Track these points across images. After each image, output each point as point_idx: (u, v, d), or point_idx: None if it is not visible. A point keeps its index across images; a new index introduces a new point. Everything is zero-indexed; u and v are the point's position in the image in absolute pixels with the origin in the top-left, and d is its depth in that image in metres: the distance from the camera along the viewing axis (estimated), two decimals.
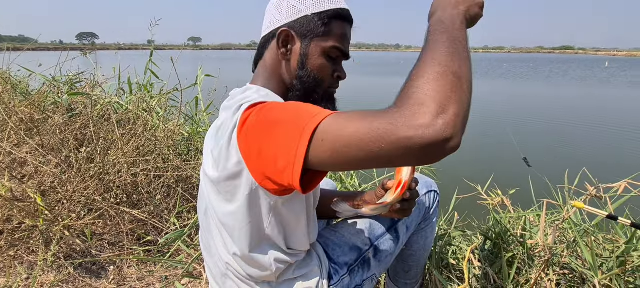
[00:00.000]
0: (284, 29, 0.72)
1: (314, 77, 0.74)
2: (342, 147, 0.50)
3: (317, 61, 0.73)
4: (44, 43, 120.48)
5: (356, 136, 0.48)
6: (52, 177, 1.58)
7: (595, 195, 1.02)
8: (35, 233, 1.40)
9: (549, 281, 1.11)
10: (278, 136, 0.55)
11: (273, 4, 0.75)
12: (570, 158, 4.80)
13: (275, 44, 0.73)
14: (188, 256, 1.52)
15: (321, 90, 0.76)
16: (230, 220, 0.69)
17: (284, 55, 0.73)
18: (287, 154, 0.54)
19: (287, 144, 0.54)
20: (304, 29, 0.72)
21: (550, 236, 1.12)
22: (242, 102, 0.65)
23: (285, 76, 0.75)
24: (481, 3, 0.60)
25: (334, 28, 0.73)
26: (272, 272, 0.72)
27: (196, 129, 2.22)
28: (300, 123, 0.53)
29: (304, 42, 0.72)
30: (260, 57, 0.78)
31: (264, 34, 0.76)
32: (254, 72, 0.80)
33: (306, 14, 0.71)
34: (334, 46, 0.73)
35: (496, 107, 9.38)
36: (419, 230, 1.02)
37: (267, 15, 0.77)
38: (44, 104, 2.14)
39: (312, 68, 0.73)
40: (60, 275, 1.34)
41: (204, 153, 0.76)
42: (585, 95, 12.51)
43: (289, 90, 0.76)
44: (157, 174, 1.75)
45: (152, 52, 2.49)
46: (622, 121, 7.41)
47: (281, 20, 0.73)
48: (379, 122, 0.47)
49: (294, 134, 0.53)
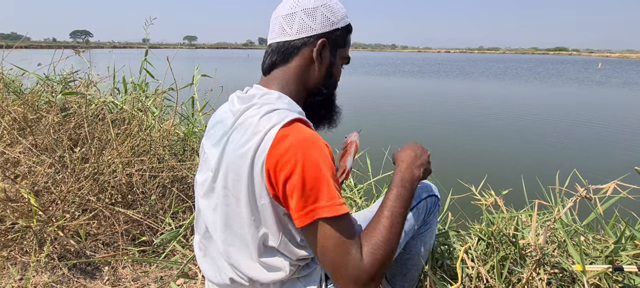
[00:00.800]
0: (324, 40, 0.77)
1: (334, 83, 0.84)
2: (322, 241, 0.64)
3: (338, 69, 0.84)
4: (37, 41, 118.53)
5: (332, 250, 0.64)
6: (45, 177, 1.57)
7: (585, 196, 1.04)
8: (28, 233, 1.39)
9: (540, 280, 1.13)
10: (299, 201, 0.64)
11: (303, 10, 0.76)
12: (563, 159, 4.86)
13: (308, 51, 0.77)
14: (183, 256, 1.52)
15: (334, 95, 0.87)
16: (236, 224, 0.70)
17: (319, 63, 0.79)
18: (300, 210, 0.64)
19: (304, 204, 0.64)
20: (336, 40, 0.80)
21: (542, 236, 1.13)
22: (270, 111, 0.68)
23: (310, 82, 0.80)
24: (429, 170, 0.83)
25: (349, 39, 0.84)
26: (283, 275, 0.73)
27: (192, 129, 2.22)
28: (317, 204, 0.64)
29: (333, 52, 0.80)
30: (283, 60, 0.78)
31: (295, 38, 0.76)
32: (267, 75, 0.80)
33: (337, 27, 0.79)
34: (348, 56, 0.85)
35: (490, 109, 9.46)
36: (418, 234, 1.02)
37: (293, 18, 0.76)
38: (38, 103, 2.12)
39: (336, 75, 0.84)
40: (54, 276, 1.33)
41: (207, 148, 0.77)
42: (579, 96, 12.66)
43: (310, 96, 0.81)
44: (152, 174, 1.75)
45: (147, 51, 2.47)
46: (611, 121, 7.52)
47: (316, 29, 0.76)
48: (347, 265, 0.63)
49: (307, 204, 0.64)
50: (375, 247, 0.65)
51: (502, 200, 1.41)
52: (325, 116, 0.86)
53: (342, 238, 0.63)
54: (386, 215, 0.69)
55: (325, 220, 0.63)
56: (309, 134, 0.66)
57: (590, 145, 5.80)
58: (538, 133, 6.45)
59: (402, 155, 0.81)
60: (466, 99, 11.59)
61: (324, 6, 0.77)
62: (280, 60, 0.78)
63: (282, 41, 0.77)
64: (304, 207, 0.63)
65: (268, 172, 0.65)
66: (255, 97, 0.73)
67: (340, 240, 0.63)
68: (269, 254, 0.72)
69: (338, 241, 0.63)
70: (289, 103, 0.74)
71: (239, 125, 0.69)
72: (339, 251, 0.63)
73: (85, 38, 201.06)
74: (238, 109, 0.72)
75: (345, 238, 0.63)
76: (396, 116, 7.66)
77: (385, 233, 0.66)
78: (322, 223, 0.63)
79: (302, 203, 0.63)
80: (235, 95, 0.79)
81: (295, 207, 0.64)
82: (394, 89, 13.47)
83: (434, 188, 1.03)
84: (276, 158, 0.63)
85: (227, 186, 0.69)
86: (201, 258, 0.82)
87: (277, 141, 0.64)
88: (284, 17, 0.77)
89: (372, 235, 0.66)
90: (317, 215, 0.63)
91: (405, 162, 0.79)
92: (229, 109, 0.77)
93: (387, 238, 0.66)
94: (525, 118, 7.95)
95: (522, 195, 1.56)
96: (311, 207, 0.63)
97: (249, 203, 0.67)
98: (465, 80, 18.31)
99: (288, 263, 0.73)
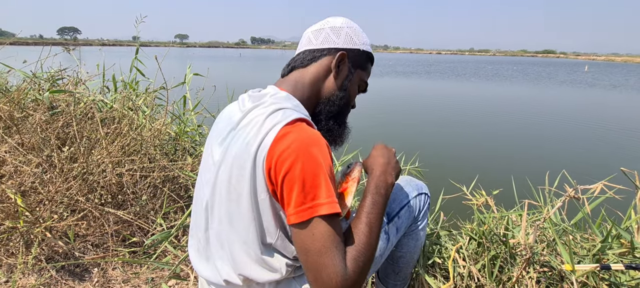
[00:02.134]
0: (344, 53, 0.83)
1: (347, 100, 0.87)
2: (309, 241, 0.63)
3: (354, 87, 0.87)
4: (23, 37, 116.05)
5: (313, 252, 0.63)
6: (32, 177, 1.53)
7: (574, 196, 1.06)
8: (15, 235, 1.36)
9: (530, 279, 1.15)
10: (298, 196, 0.64)
11: (330, 28, 0.84)
12: (553, 159, 4.96)
13: (328, 60, 0.83)
14: (175, 257, 1.50)
15: (346, 113, 0.90)
16: (237, 221, 0.70)
17: (335, 73, 0.83)
18: (299, 205, 0.64)
19: (302, 200, 0.64)
20: (355, 59, 0.85)
21: (531, 235, 1.16)
22: (276, 110, 0.70)
23: (324, 90, 0.84)
24: (399, 171, 0.86)
25: (369, 67, 0.90)
26: (279, 276, 0.73)
27: (183, 128, 2.19)
28: (315, 201, 0.64)
29: (351, 68, 0.85)
30: (302, 64, 0.84)
31: (318, 47, 0.84)
32: (284, 76, 0.85)
33: (359, 47, 0.85)
34: (366, 81, 0.90)
35: (481, 109, 9.59)
36: (410, 232, 1.04)
37: (321, 33, 0.85)
38: (24, 101, 2.07)
39: (351, 92, 0.87)
40: (42, 278, 1.31)
41: (213, 143, 0.77)
42: (568, 98, 12.92)
43: (321, 104, 0.84)
44: (143, 174, 1.72)
45: (137, 49, 2.44)
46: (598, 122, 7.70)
47: (339, 43, 0.83)
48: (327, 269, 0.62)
49: (306, 201, 0.64)
50: (356, 254, 0.65)
51: (492, 200, 1.44)
52: (332, 130, 0.86)
53: (331, 240, 0.63)
54: (364, 222, 0.70)
55: (322, 217, 0.63)
56: (311, 133, 0.68)
57: (579, 146, 5.93)
58: (528, 134, 6.57)
59: (374, 163, 0.83)
60: (457, 99, 11.73)
61: (349, 28, 0.85)
62: (300, 64, 0.84)
63: (307, 49, 0.85)
64: (303, 203, 0.63)
65: (268, 167, 0.66)
66: (267, 96, 0.76)
67: (330, 242, 0.63)
68: (267, 253, 0.72)
69: (327, 243, 0.62)
70: (296, 105, 0.76)
71: (246, 123, 0.71)
72: (326, 254, 0.62)
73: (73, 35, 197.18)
74: (247, 107, 0.74)
75: (334, 242, 0.63)
76: (388, 116, 7.71)
77: (365, 240, 0.68)
78: (317, 222, 0.63)
79: (301, 199, 0.63)
80: (246, 95, 0.81)
81: (294, 202, 0.63)
82: (386, 89, 13.55)
83: (424, 187, 1.05)
84: (277, 154, 0.64)
85: (231, 182, 0.70)
86: (197, 258, 0.81)
87: (279, 138, 0.65)
88: (312, 32, 0.86)
89: (353, 242, 0.67)
90: (316, 213, 0.63)
91: (378, 169, 0.81)
92: (238, 108, 0.78)
93: (367, 245, 0.67)
94: (516, 119, 8.08)
95: (513, 195, 1.58)
96: (310, 204, 0.63)
97: (250, 199, 0.68)
98: (455, 81, 18.52)
99: (285, 262, 0.73)
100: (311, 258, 0.63)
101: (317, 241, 0.63)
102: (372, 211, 0.72)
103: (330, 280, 0.61)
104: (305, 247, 0.64)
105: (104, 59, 2.56)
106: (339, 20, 0.85)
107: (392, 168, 0.83)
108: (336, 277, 0.61)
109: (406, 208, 0.99)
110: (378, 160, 0.84)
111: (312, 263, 0.63)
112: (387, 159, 0.84)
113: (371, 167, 0.83)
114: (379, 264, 0.97)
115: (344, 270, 0.62)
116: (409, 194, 1.00)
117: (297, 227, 0.65)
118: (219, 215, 0.73)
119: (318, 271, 0.62)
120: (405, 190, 1.01)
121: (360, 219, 0.71)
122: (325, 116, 0.84)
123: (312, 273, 0.63)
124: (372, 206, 0.73)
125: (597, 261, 1.15)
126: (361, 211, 0.73)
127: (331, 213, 0.63)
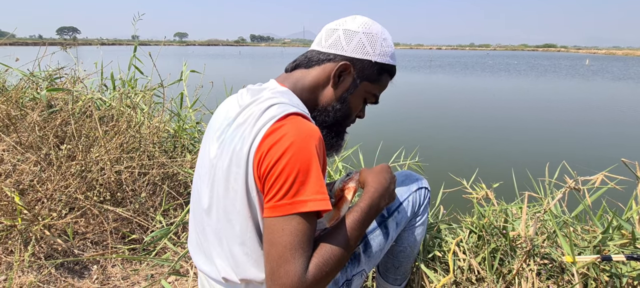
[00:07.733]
0: (347, 63, 0.76)
1: (345, 112, 0.80)
2: (278, 235, 0.61)
3: (357, 100, 0.81)
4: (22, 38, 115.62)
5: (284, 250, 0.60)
6: (31, 175, 1.53)
7: (574, 187, 1.05)
8: (13, 233, 1.36)
9: (530, 271, 1.15)
10: (281, 189, 0.61)
11: (344, 30, 0.77)
12: (553, 151, 4.94)
13: (330, 67, 0.77)
14: (174, 254, 1.50)
15: (345, 125, 0.84)
16: (234, 217, 0.69)
17: (333, 83, 0.77)
18: (277, 200, 0.61)
19: (283, 195, 0.61)
20: (363, 71, 0.77)
21: (531, 228, 1.15)
22: (271, 105, 0.68)
23: (322, 99, 0.79)
24: (394, 198, 0.82)
25: (384, 80, 0.81)
26: None
27: (182, 125, 2.18)
28: (296, 198, 0.61)
29: (356, 81, 0.78)
30: (306, 65, 0.79)
31: (324, 50, 0.78)
32: (288, 71, 0.81)
33: (371, 59, 0.77)
34: (376, 94, 0.82)
35: (481, 102, 9.56)
36: (410, 226, 1.03)
37: (333, 34, 0.78)
38: (22, 100, 2.06)
39: (350, 105, 0.80)
40: (41, 275, 1.31)
41: (210, 138, 0.75)
42: (569, 90, 12.87)
43: (318, 112, 0.79)
44: (142, 171, 1.72)
45: (136, 47, 2.43)
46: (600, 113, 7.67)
47: (347, 51, 0.76)
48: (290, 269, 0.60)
49: (286, 201, 0.61)
50: (323, 263, 0.62)
51: (492, 193, 1.43)
52: (325, 139, 0.82)
53: (300, 239, 0.60)
54: (344, 236, 0.68)
55: (300, 215, 0.60)
56: (305, 126, 0.65)
57: (580, 137, 5.91)
58: (528, 126, 6.55)
59: (373, 181, 0.79)
60: (458, 93, 11.69)
61: (365, 34, 0.77)
62: (304, 64, 0.80)
63: (315, 50, 0.80)
64: (283, 198, 0.61)
65: (256, 162, 0.64)
66: (265, 91, 0.73)
67: (298, 240, 0.60)
68: None
69: (295, 241, 0.60)
70: (294, 100, 0.73)
71: (242, 120, 0.69)
72: (291, 251, 0.59)
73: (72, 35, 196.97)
74: (245, 102, 0.72)
75: (302, 241, 0.60)
76: (388, 110, 7.69)
77: (338, 253, 0.65)
78: (293, 218, 0.60)
79: (283, 193, 0.61)
80: (246, 89, 0.78)
81: (275, 195, 0.61)
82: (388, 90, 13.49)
83: (424, 181, 1.04)
84: (266, 148, 0.62)
85: (228, 180, 0.68)
86: (197, 252, 0.81)
87: (270, 132, 0.64)
88: (327, 30, 0.80)
89: (324, 249, 0.64)
90: (296, 210, 0.60)
91: (375, 190, 0.77)
92: (236, 102, 0.76)
93: (338, 258, 0.65)
94: (516, 112, 8.05)
95: (513, 187, 1.57)
96: (290, 200, 0.61)
97: (245, 197, 0.66)
98: (455, 76, 18.46)
99: None
100: (275, 250, 0.60)
101: (286, 236, 0.60)
102: (355, 227, 0.70)
103: (287, 277, 0.59)
104: (272, 239, 0.61)
105: (102, 58, 2.56)
106: (357, 23, 0.78)
107: (389, 195, 0.80)
108: (294, 277, 0.59)
109: (406, 203, 0.98)
110: (379, 179, 0.80)
111: (274, 255, 0.60)
112: (388, 184, 0.80)
113: (371, 184, 0.79)
114: (379, 259, 0.97)
115: (303, 272, 0.59)
116: (409, 189, 0.99)
117: (271, 220, 0.62)
118: (217, 212, 0.72)
119: (277, 265, 0.59)
120: (406, 184, 1.00)
121: (341, 230, 0.68)
122: (319, 124, 0.80)
123: (270, 265, 0.60)
124: (357, 223, 0.71)
125: (598, 252, 1.14)
126: (345, 223, 0.70)
127: (312, 211, 0.61)
